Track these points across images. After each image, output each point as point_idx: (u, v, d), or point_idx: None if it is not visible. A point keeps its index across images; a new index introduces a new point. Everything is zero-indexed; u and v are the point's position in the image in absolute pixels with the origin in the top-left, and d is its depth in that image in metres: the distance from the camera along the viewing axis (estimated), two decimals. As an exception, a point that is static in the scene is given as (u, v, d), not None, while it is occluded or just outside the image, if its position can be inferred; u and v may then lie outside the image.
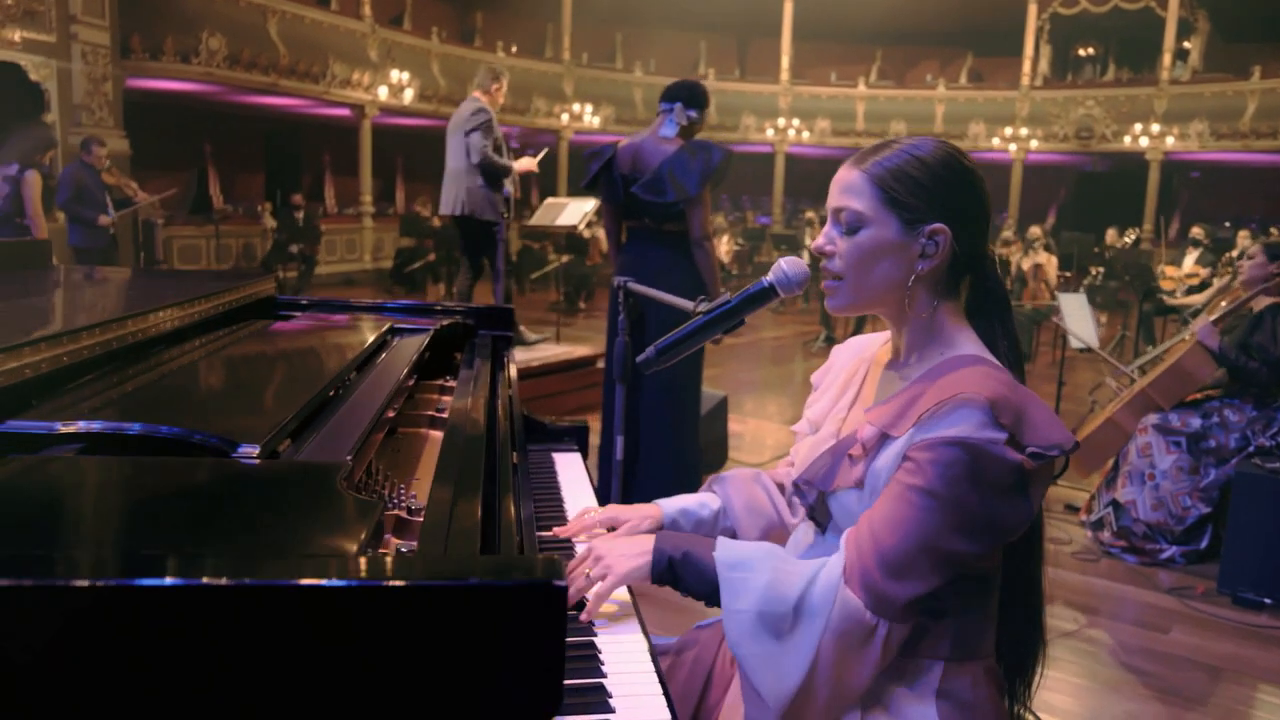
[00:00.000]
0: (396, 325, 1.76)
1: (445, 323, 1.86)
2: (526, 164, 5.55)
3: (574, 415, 5.86)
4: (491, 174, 5.36)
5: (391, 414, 1.41)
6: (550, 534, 1.46)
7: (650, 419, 3.70)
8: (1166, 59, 16.14)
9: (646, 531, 1.44)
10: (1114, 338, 9.78)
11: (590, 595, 1.15)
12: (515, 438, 1.34)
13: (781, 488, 1.49)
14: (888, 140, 1.23)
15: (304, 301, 2.05)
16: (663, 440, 3.68)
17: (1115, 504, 3.92)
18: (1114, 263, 10.79)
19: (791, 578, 1.07)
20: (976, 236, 1.23)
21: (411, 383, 1.68)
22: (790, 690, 1.04)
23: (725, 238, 11.63)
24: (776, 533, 1.44)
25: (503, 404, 1.56)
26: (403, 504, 1.08)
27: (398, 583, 0.55)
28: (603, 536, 1.24)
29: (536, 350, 6.34)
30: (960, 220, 1.20)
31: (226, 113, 13.15)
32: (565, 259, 11.07)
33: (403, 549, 0.88)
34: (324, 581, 0.53)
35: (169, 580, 0.52)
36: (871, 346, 1.36)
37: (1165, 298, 7.58)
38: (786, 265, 1.30)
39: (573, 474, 1.89)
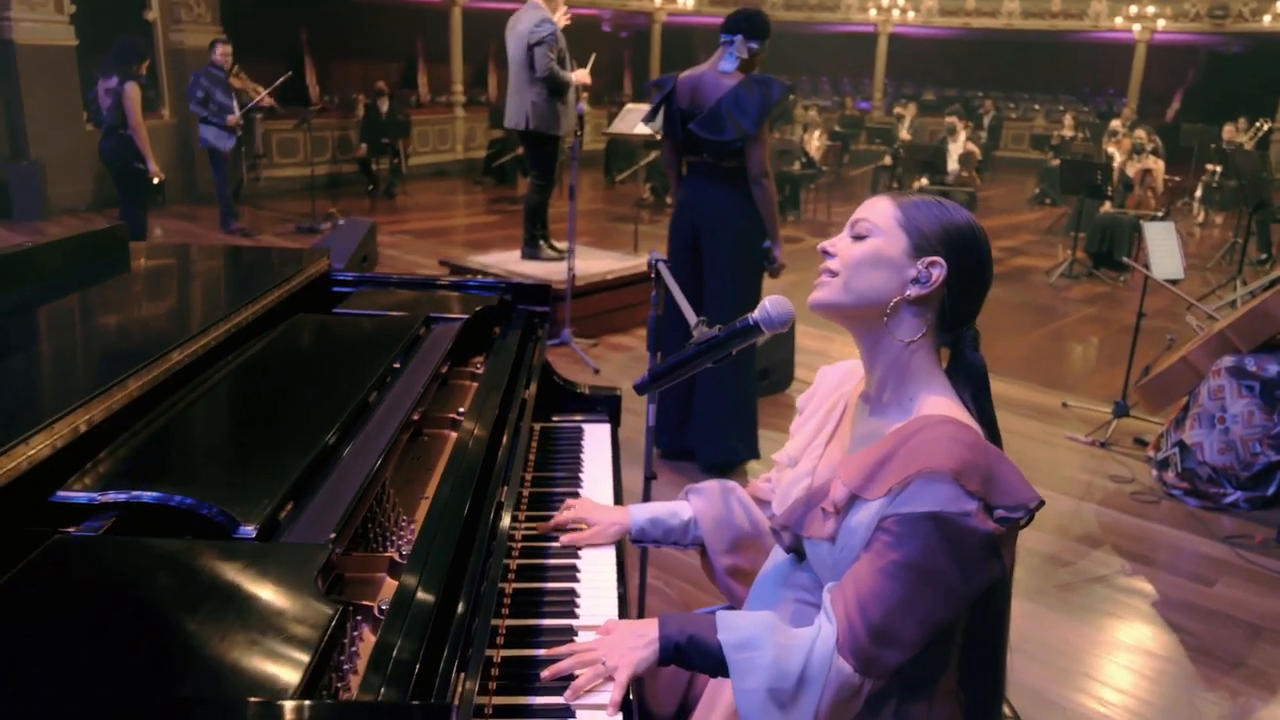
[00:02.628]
0: (432, 315, 1.87)
1: (479, 308, 1.96)
2: (581, 76, 5.54)
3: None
4: (555, 87, 5.36)
5: (417, 416, 1.55)
6: (536, 530, 1.59)
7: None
8: (1322, -76, 14.55)
9: (612, 536, 1.55)
10: (1225, 244, 9.27)
11: (613, 691, 1.17)
12: (516, 458, 1.45)
13: (760, 502, 1.57)
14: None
15: (352, 278, 2.18)
16: (717, 370, 3.74)
17: (1182, 445, 3.86)
18: (1231, 162, 10.09)
19: (792, 652, 1.15)
20: (968, 300, 1.25)
21: (445, 369, 1.81)
22: None
23: (817, 133, 11.27)
24: (745, 542, 1.52)
25: (524, 390, 1.67)
26: (399, 543, 1.22)
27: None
28: (604, 633, 1.26)
29: (614, 261, 6.42)
30: (959, 271, 1.23)
31: (320, 2, 13.20)
32: (654, 155, 10.95)
33: (382, 606, 1.02)
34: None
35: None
36: (852, 379, 1.40)
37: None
38: (770, 305, 1.35)
39: (598, 449, 2.01)
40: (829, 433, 1.39)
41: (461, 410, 1.61)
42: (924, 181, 9.34)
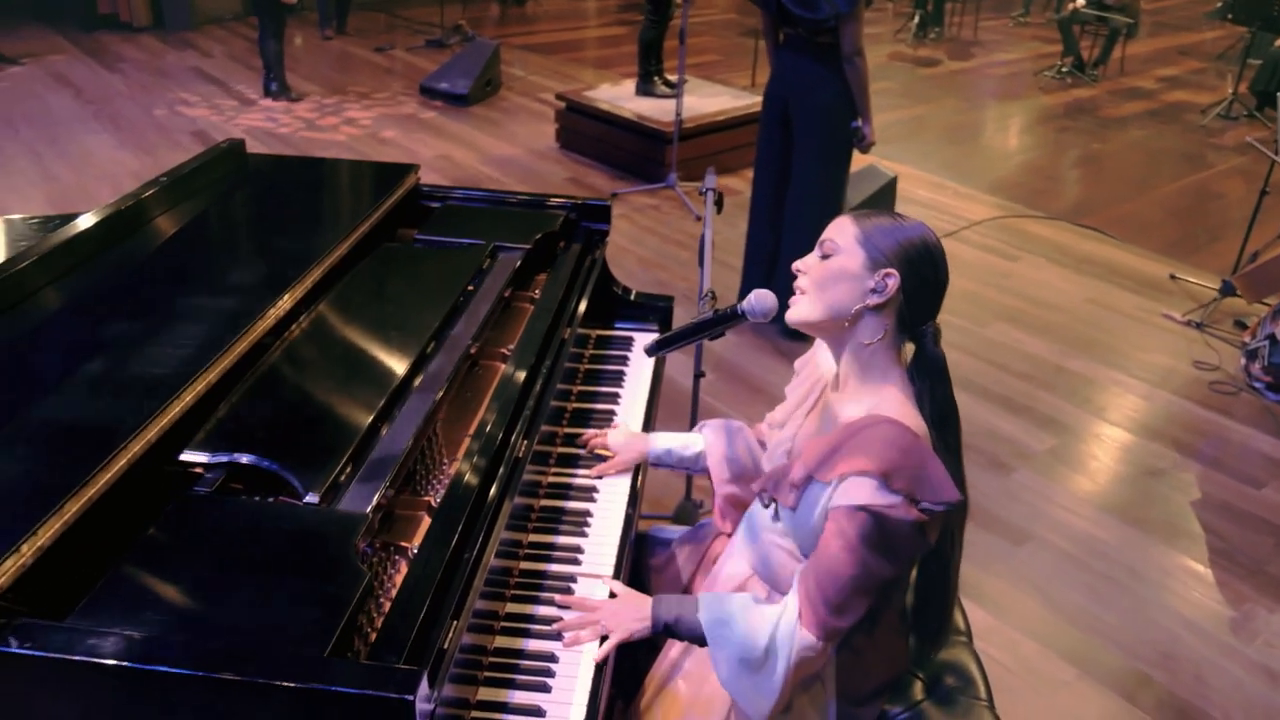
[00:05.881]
0: (498, 245, 2.13)
1: (538, 236, 2.20)
2: None
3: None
4: None
5: (474, 350, 1.85)
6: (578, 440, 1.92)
7: (794, 210, 3.89)
8: None
9: (632, 462, 1.86)
10: None
11: (601, 649, 1.48)
12: (545, 401, 1.74)
13: (764, 443, 1.81)
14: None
15: (436, 193, 2.44)
16: (800, 237, 3.84)
17: (1272, 339, 3.81)
18: None
19: (760, 626, 1.43)
20: (924, 306, 1.42)
21: (508, 293, 2.09)
22: (769, 708, 1.44)
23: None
24: (746, 476, 1.78)
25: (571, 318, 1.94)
26: (438, 487, 1.56)
27: (288, 684, 1.01)
28: (607, 600, 1.55)
29: (728, 99, 6.38)
30: (914, 279, 1.40)
31: None
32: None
33: (414, 551, 1.36)
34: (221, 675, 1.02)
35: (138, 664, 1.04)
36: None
37: None
38: (754, 298, 1.55)
39: (642, 363, 2.27)
40: (810, 405, 1.61)
41: (512, 347, 1.89)
42: (1081, 2, 8.58)
